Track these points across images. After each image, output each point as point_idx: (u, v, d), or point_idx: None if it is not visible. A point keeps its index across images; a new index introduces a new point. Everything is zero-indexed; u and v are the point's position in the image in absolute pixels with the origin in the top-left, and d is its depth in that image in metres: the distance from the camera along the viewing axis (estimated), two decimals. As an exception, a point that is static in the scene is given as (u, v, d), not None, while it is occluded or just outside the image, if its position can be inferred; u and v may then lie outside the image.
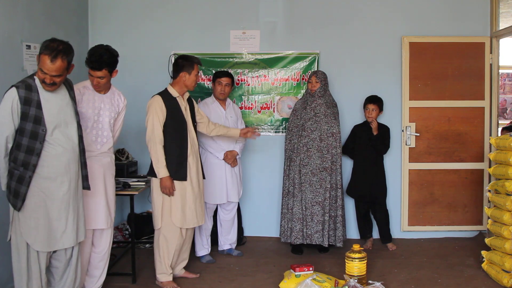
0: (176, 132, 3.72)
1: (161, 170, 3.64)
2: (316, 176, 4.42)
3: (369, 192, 4.71)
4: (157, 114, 3.65)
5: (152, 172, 3.74)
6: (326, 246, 4.46)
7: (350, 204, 4.95)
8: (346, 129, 4.87)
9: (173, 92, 3.77)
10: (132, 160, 4.66)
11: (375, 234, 4.87)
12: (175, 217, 3.71)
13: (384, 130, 4.76)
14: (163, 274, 3.77)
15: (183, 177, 3.72)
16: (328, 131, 4.45)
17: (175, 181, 3.71)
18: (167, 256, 3.76)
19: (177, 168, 3.70)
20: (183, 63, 3.77)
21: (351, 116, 4.93)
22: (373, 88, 4.87)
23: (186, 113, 3.80)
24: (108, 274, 3.67)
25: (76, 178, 3.00)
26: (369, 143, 4.69)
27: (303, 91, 4.94)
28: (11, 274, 3.64)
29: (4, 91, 3.59)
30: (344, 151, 4.78)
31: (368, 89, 4.85)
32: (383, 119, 4.87)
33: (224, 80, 4.41)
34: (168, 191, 3.67)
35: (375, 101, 4.69)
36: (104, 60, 3.28)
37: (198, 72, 3.84)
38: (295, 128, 4.54)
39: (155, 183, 3.74)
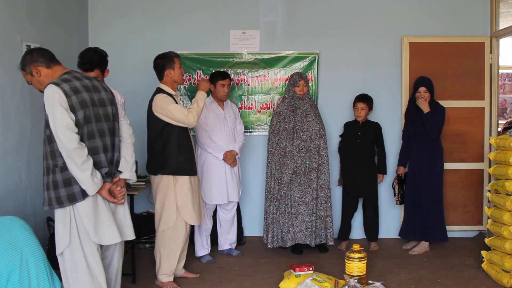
0: (184, 128, 3.74)
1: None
2: (306, 176, 4.43)
3: (360, 190, 4.71)
4: None
5: (151, 169, 3.74)
6: (312, 246, 4.46)
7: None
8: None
9: (170, 90, 3.74)
10: (132, 160, 4.65)
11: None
12: (187, 215, 3.71)
13: (377, 130, 4.75)
14: (166, 275, 3.76)
15: (194, 171, 3.78)
16: (318, 132, 4.47)
17: (184, 177, 3.71)
18: (174, 256, 3.74)
19: (189, 163, 3.75)
20: (163, 62, 3.74)
21: (350, 116, 4.91)
22: (373, 88, 4.87)
23: None
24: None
25: None
26: (357, 142, 4.69)
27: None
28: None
29: (4, 91, 3.65)
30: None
31: (368, 89, 4.84)
32: (384, 119, 4.87)
33: (227, 82, 4.43)
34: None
35: (364, 100, 4.68)
36: (94, 61, 3.52)
37: (181, 64, 3.80)
38: (284, 131, 4.49)
39: (157, 182, 3.73)
